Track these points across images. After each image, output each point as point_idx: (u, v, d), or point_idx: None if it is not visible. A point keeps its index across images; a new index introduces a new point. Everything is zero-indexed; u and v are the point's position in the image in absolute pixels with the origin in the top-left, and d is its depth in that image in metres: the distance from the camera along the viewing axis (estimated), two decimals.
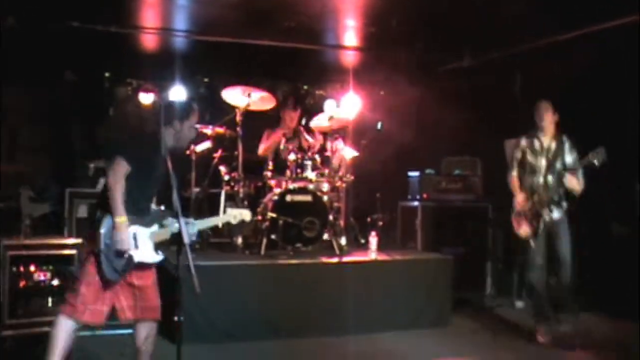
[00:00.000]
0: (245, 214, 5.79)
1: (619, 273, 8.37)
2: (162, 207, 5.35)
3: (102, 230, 4.97)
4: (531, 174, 7.46)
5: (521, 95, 10.11)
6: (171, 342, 5.09)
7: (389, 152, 10.46)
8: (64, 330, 5.13)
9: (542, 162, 7.42)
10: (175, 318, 4.77)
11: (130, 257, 5.04)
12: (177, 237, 4.60)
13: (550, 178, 7.35)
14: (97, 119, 9.98)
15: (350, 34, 9.22)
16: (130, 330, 5.62)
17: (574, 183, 7.17)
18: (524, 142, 7.55)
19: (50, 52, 8.82)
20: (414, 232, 9.23)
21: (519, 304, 9.01)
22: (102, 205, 5.02)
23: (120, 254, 5.00)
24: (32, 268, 6.52)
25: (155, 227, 5.24)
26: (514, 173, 7.58)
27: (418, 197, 9.41)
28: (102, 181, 7.30)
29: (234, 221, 5.75)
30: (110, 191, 4.93)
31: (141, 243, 5.13)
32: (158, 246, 5.28)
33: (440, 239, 9.23)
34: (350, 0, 7.98)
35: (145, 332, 5.34)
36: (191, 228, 5.25)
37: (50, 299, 6.56)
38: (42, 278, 6.56)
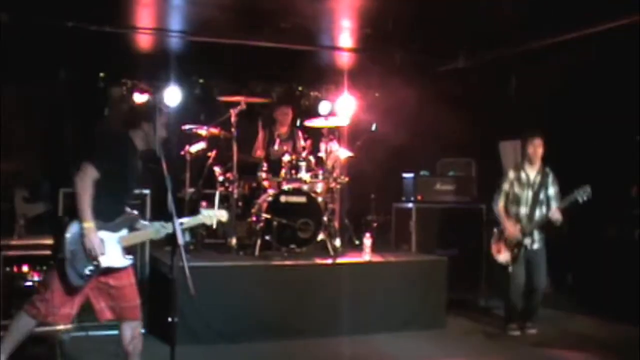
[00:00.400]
0: (221, 215, 5.66)
1: (616, 276, 8.39)
2: (135, 211, 5.32)
3: (67, 236, 4.94)
4: (515, 204, 7.77)
5: (516, 97, 10.14)
6: (165, 343, 5.08)
7: (384, 153, 10.45)
8: (24, 326, 5.14)
9: (528, 194, 7.72)
10: (169, 319, 4.76)
11: (97, 263, 5.01)
12: (171, 238, 4.57)
13: (534, 209, 7.69)
14: (91, 118, 9.96)
15: (345, 36, 9.23)
16: None
17: (557, 217, 7.49)
18: (512, 174, 7.83)
19: (45, 52, 8.80)
20: (409, 233, 9.22)
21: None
22: (70, 210, 5.01)
23: (88, 259, 4.97)
24: (26, 268, 6.51)
25: (124, 232, 5.20)
26: (501, 203, 7.82)
27: (412, 198, 9.40)
28: None
29: (209, 222, 5.62)
30: (78, 197, 4.90)
31: (108, 248, 5.07)
32: (128, 250, 5.24)
33: (435, 241, 9.23)
34: (345, 1, 7.97)
35: (130, 332, 5.31)
36: (163, 231, 5.23)
37: None
38: (36, 278, 6.54)
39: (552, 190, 7.71)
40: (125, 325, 5.30)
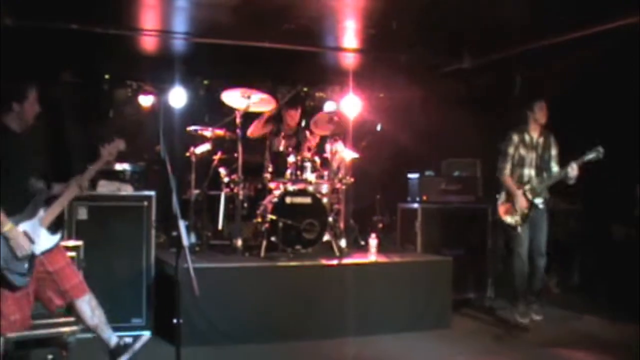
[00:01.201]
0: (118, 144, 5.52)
1: (623, 276, 8.37)
2: (38, 185, 5.25)
3: None
4: (520, 167, 7.88)
5: (521, 96, 10.11)
6: (171, 344, 5.09)
7: (389, 153, 10.48)
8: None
9: (532, 155, 7.85)
10: (174, 320, 4.77)
11: (32, 255, 5.03)
12: (176, 240, 4.57)
13: (540, 170, 7.84)
14: (96, 120, 9.99)
15: (350, 36, 9.21)
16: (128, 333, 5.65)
17: (575, 173, 7.52)
18: (516, 137, 7.89)
19: (49, 54, 8.83)
20: (414, 233, 9.20)
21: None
22: None
23: (21, 259, 4.96)
24: None
25: (41, 212, 5.18)
26: (507, 170, 7.90)
27: (418, 198, 9.38)
28: (101, 183, 7.31)
29: (109, 156, 5.47)
30: None
31: (35, 235, 5.08)
32: (52, 226, 5.25)
33: (440, 241, 9.20)
34: (349, 2, 7.95)
35: (87, 306, 5.37)
36: (84, 182, 5.33)
37: None
38: None
39: (554, 152, 7.87)
40: (78, 303, 5.33)
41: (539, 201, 7.74)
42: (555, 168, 7.83)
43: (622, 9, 7.25)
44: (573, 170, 7.50)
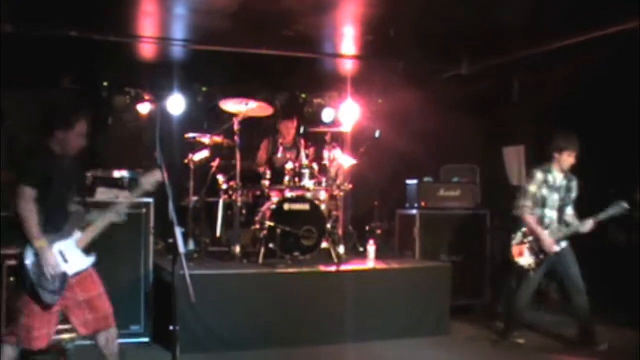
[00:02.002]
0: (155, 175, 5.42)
1: (622, 281, 8.36)
2: (79, 208, 5.28)
3: (27, 262, 4.96)
4: (541, 207, 7.45)
5: (519, 102, 10.13)
6: (169, 350, 5.08)
7: (387, 160, 10.48)
8: (9, 357, 5.13)
9: (555, 197, 7.45)
10: (171, 327, 4.76)
11: (63, 274, 5.05)
12: (172, 246, 4.57)
13: (561, 213, 7.48)
14: (95, 128, 9.97)
15: (348, 43, 9.23)
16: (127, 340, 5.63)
17: (588, 228, 7.29)
18: (540, 175, 7.45)
19: (48, 61, 8.84)
20: (412, 240, 9.20)
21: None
22: (22, 236, 4.98)
23: (52, 277, 4.98)
24: None
25: (78, 234, 5.22)
26: (529, 210, 7.42)
27: (416, 204, 9.37)
28: (100, 190, 7.30)
29: (148, 186, 5.44)
30: (25, 220, 4.91)
31: (69, 256, 5.12)
32: (89, 248, 5.28)
33: (439, 247, 9.20)
34: (347, 9, 7.97)
35: (105, 337, 5.36)
36: (122, 209, 5.41)
37: None
38: None
39: (574, 195, 7.52)
40: (99, 334, 5.34)
41: (557, 249, 7.33)
42: (570, 212, 7.49)
43: (620, 14, 7.27)
44: (587, 225, 7.24)
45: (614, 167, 8.49)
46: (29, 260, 4.96)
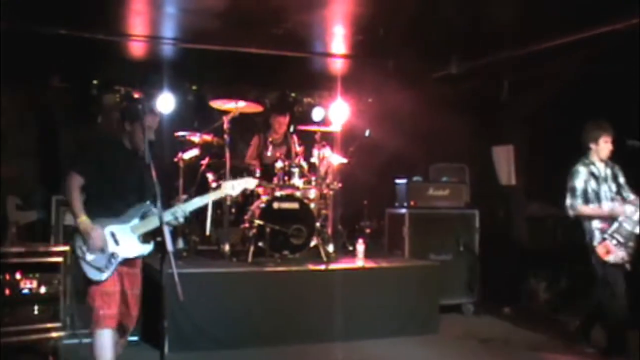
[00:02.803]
0: (249, 182, 5.80)
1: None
2: (148, 202, 5.36)
3: (75, 238, 5.22)
4: (597, 202, 7.05)
5: (508, 102, 10.15)
6: (157, 349, 5.09)
7: (377, 159, 10.48)
8: (103, 342, 5.21)
9: (605, 188, 7.09)
10: (159, 326, 4.77)
11: (112, 253, 5.18)
12: (160, 245, 4.58)
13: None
14: (84, 126, 9.96)
15: (338, 42, 9.23)
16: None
17: None
18: (583, 169, 7.11)
19: (38, 58, 8.81)
20: (402, 239, 9.22)
21: (506, 310, 9.05)
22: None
23: (96, 252, 5.15)
24: (19, 276, 6.48)
25: (135, 221, 5.31)
26: (580, 204, 7.02)
27: (405, 204, 9.40)
28: None
29: (232, 193, 5.75)
30: (69, 201, 5.20)
31: (121, 239, 5.24)
32: (146, 237, 5.38)
33: (428, 246, 9.22)
34: (337, 8, 7.97)
35: (116, 336, 5.39)
36: (180, 213, 5.35)
37: (36, 307, 6.51)
38: (28, 286, 6.52)
39: (621, 180, 7.12)
40: (115, 331, 5.35)
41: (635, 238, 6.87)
42: (632, 196, 6.99)
43: (611, 13, 7.29)
44: None
45: None
46: (76, 235, 5.19)
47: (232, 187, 5.70)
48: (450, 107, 9.96)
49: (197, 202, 5.60)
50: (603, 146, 7.09)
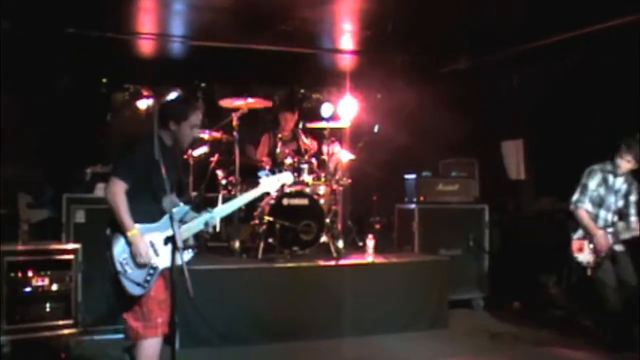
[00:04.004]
0: (287, 177, 5.70)
1: None
2: (184, 205, 5.15)
3: (114, 251, 4.86)
4: (597, 207, 7.32)
5: (517, 96, 10.13)
6: (167, 344, 5.11)
7: (386, 154, 10.48)
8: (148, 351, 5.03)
9: (612, 199, 7.32)
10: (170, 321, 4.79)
11: (153, 267, 4.94)
12: (170, 240, 4.55)
13: (618, 216, 7.35)
14: (94, 124, 10.01)
15: (346, 38, 9.24)
16: None
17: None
18: (600, 174, 7.33)
19: (47, 57, 8.85)
20: (411, 234, 9.21)
21: (516, 305, 9.05)
22: (110, 223, 4.91)
23: (140, 267, 4.89)
24: (30, 274, 6.53)
25: (171, 229, 4.91)
26: (586, 205, 7.30)
27: (415, 199, 9.39)
28: (99, 186, 7.33)
29: (272, 190, 5.65)
30: (115, 211, 4.82)
31: (161, 248, 4.97)
32: (186, 244, 5.08)
33: (437, 241, 9.20)
34: (345, 4, 7.98)
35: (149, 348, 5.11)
36: (212, 221, 5.22)
37: (48, 305, 6.56)
38: (40, 283, 6.56)
39: (633, 198, 7.31)
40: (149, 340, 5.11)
41: (619, 248, 7.22)
42: (633, 217, 7.26)
43: (616, 9, 7.27)
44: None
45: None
46: (115, 249, 4.86)
47: (270, 184, 5.59)
48: (459, 102, 9.95)
49: (236, 203, 5.47)
50: (624, 165, 7.20)
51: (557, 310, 8.68)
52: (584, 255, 7.27)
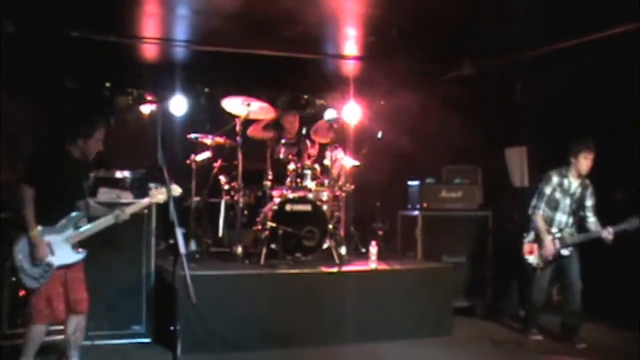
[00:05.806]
0: (175, 190, 5.87)
1: (622, 282, 8.33)
2: (79, 213, 5.85)
3: (17, 247, 5.59)
4: (553, 210, 7.74)
5: (521, 103, 10.12)
6: (169, 350, 5.09)
7: (389, 161, 10.46)
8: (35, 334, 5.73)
9: (567, 201, 7.69)
10: (172, 327, 4.78)
11: (48, 263, 5.62)
12: (174, 247, 4.56)
13: (570, 218, 7.71)
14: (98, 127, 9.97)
15: (350, 43, 9.23)
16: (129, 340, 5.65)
17: (610, 238, 7.41)
18: (555, 178, 7.74)
19: (50, 61, 8.84)
20: (414, 241, 9.19)
21: (520, 312, 9.01)
22: (16, 225, 5.65)
23: (36, 263, 5.58)
24: None
25: (70, 231, 5.72)
26: (541, 211, 7.75)
27: (418, 206, 9.37)
28: (101, 191, 7.31)
29: (160, 201, 6.01)
30: (23, 211, 5.55)
31: (57, 248, 5.68)
32: (79, 245, 5.84)
33: (440, 248, 9.19)
34: (349, 9, 7.96)
35: (75, 324, 5.86)
36: (121, 216, 5.90)
37: None
38: None
39: (589, 202, 7.66)
40: (72, 317, 5.84)
41: (565, 252, 7.63)
42: (591, 219, 7.64)
43: (621, 15, 7.25)
44: (610, 234, 7.36)
45: (616, 168, 8.44)
46: (18, 246, 5.58)
47: (159, 195, 5.97)
48: (462, 109, 9.93)
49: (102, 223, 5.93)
50: (582, 162, 7.59)
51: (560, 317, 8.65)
52: (534, 258, 7.78)
